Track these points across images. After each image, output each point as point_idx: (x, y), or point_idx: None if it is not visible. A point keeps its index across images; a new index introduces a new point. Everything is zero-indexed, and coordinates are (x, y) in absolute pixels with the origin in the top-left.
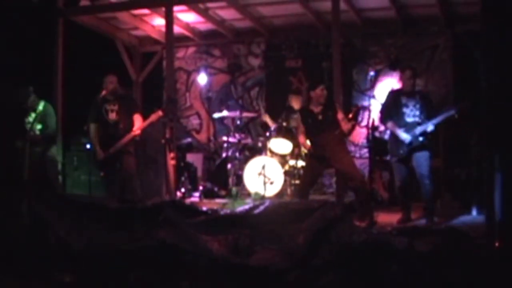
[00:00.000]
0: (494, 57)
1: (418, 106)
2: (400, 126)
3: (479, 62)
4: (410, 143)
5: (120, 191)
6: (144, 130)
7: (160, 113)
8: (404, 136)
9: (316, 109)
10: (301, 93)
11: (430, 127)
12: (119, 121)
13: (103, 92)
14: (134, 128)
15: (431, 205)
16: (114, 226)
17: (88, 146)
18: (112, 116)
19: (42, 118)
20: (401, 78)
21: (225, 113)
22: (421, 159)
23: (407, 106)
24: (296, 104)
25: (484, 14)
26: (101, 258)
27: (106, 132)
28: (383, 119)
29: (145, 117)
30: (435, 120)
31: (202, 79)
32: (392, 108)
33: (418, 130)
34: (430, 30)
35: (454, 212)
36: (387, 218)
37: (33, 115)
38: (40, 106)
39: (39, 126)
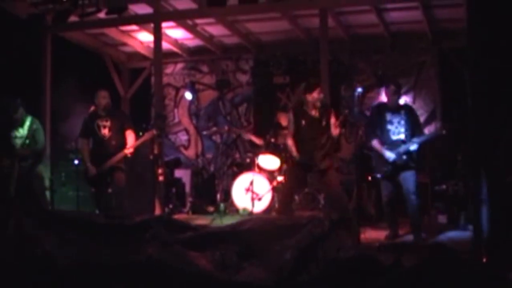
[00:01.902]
0: (480, 74)
1: (402, 122)
2: (384, 144)
3: (466, 78)
4: (394, 161)
5: (110, 207)
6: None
7: (154, 132)
8: (388, 154)
9: (311, 112)
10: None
11: (413, 146)
12: (112, 137)
13: (93, 108)
14: (128, 146)
15: (418, 220)
16: (102, 241)
17: (76, 161)
18: (105, 132)
19: (32, 133)
20: (386, 94)
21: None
22: (407, 175)
23: (391, 123)
24: (284, 121)
25: (470, 30)
26: (88, 274)
27: (98, 148)
28: (367, 136)
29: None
30: (419, 140)
31: (187, 96)
32: (377, 124)
33: (402, 148)
34: (417, 46)
35: (441, 228)
36: (375, 234)
37: (20, 130)
38: (28, 121)
39: (27, 141)
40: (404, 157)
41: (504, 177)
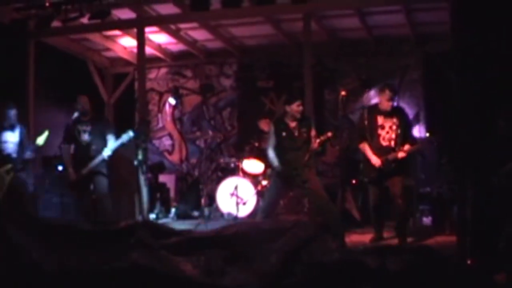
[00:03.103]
0: (465, 77)
1: (394, 127)
2: (373, 149)
3: (451, 81)
4: (381, 168)
5: (93, 212)
6: (117, 152)
7: (130, 133)
8: (375, 160)
9: (291, 123)
10: (271, 116)
11: (402, 154)
12: (91, 142)
13: (76, 113)
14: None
15: (403, 224)
16: (86, 248)
17: (60, 168)
18: (84, 137)
19: (22, 139)
20: (379, 97)
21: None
22: (395, 181)
23: (383, 127)
24: (265, 126)
25: (454, 33)
26: (73, 280)
27: (79, 153)
28: (356, 138)
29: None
30: (408, 151)
31: (171, 101)
32: (367, 128)
33: (391, 156)
34: (401, 50)
35: (426, 231)
36: (360, 238)
37: (12, 134)
38: (18, 127)
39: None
40: (393, 164)
41: (488, 179)
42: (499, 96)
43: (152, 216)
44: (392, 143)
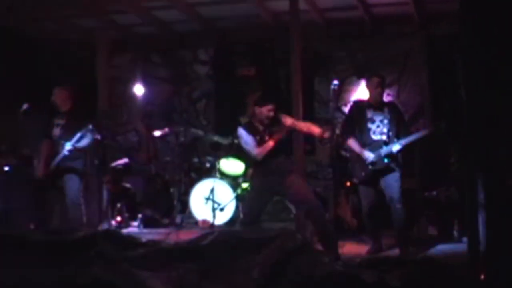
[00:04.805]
0: (475, 63)
1: (386, 121)
2: (363, 144)
3: (459, 68)
4: (373, 163)
5: (48, 219)
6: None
7: (90, 127)
8: (367, 154)
9: (259, 127)
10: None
11: (396, 147)
12: (62, 136)
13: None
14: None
15: (404, 232)
16: (39, 262)
17: (6, 168)
18: (57, 131)
19: None
20: (367, 87)
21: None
22: (391, 180)
23: (373, 121)
24: None
25: (463, 12)
26: None
27: (52, 148)
28: (343, 134)
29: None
30: (403, 141)
31: (139, 90)
32: (356, 122)
33: (384, 151)
34: (403, 31)
35: (432, 240)
36: (355, 249)
37: None
38: None
39: None
40: (386, 160)
41: (504, 180)
42: None
43: (115, 224)
44: (384, 137)
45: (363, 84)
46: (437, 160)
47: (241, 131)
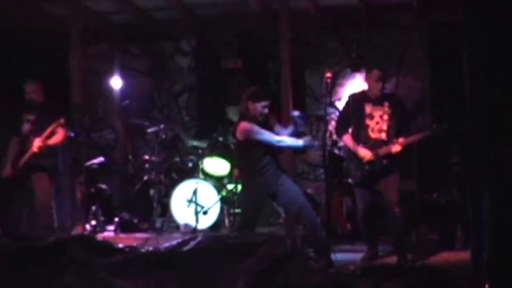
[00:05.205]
0: (481, 55)
1: (386, 117)
2: (360, 142)
3: (462, 61)
4: (370, 163)
5: (16, 224)
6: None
7: (62, 121)
8: (364, 153)
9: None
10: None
11: (396, 148)
12: (31, 133)
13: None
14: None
15: (402, 238)
16: (6, 270)
17: None
18: (26, 127)
19: None
20: (366, 81)
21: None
22: (389, 182)
23: (371, 117)
24: (235, 116)
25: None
26: None
27: (20, 146)
28: (338, 130)
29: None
30: (404, 142)
31: (116, 83)
32: (352, 118)
33: (382, 151)
34: (401, 21)
35: (432, 247)
36: (350, 255)
37: None
38: None
39: None
40: (384, 161)
41: (510, 182)
42: None
43: (89, 228)
44: (383, 135)
45: (358, 77)
46: (437, 160)
47: (247, 124)
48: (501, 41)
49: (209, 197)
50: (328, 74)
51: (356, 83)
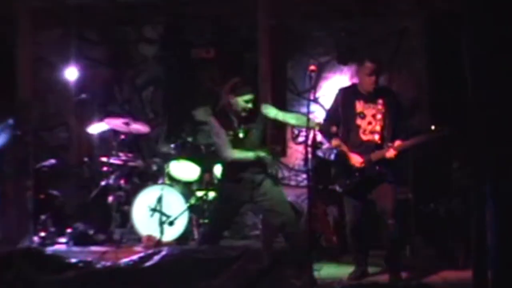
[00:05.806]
0: (484, 47)
1: (379, 116)
2: (350, 145)
3: (464, 54)
4: (362, 170)
5: None
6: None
7: (10, 122)
8: (355, 159)
9: (235, 122)
10: (211, 100)
11: (390, 153)
12: None
13: None
14: None
15: (395, 253)
16: None
17: None
18: None
19: None
20: (358, 74)
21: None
22: (383, 191)
23: (363, 116)
24: (204, 118)
25: None
26: None
27: None
28: (323, 133)
29: None
30: (399, 146)
31: (71, 74)
32: (342, 116)
33: (375, 156)
34: (397, 9)
35: (429, 263)
36: (335, 272)
37: None
38: None
39: None
40: (377, 167)
41: None
42: None
43: (38, 241)
44: (376, 137)
45: (345, 70)
46: (435, 166)
47: (214, 121)
48: (506, 31)
49: (176, 205)
50: (312, 67)
51: (343, 78)
